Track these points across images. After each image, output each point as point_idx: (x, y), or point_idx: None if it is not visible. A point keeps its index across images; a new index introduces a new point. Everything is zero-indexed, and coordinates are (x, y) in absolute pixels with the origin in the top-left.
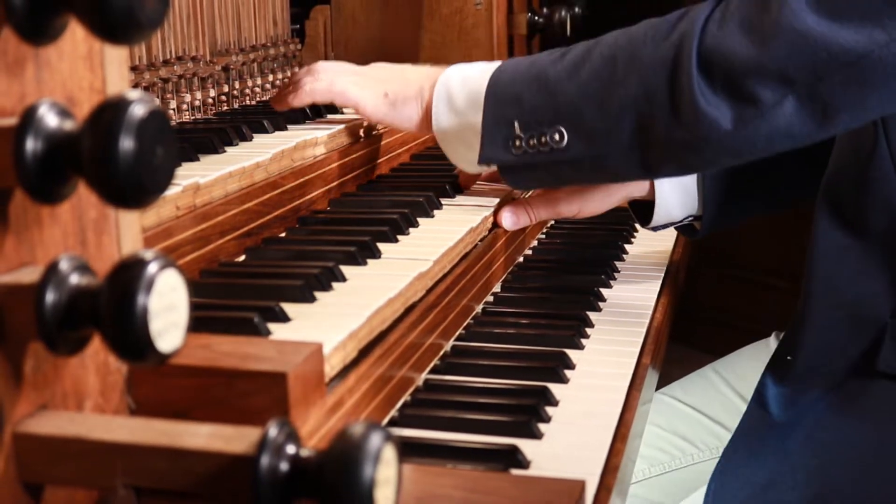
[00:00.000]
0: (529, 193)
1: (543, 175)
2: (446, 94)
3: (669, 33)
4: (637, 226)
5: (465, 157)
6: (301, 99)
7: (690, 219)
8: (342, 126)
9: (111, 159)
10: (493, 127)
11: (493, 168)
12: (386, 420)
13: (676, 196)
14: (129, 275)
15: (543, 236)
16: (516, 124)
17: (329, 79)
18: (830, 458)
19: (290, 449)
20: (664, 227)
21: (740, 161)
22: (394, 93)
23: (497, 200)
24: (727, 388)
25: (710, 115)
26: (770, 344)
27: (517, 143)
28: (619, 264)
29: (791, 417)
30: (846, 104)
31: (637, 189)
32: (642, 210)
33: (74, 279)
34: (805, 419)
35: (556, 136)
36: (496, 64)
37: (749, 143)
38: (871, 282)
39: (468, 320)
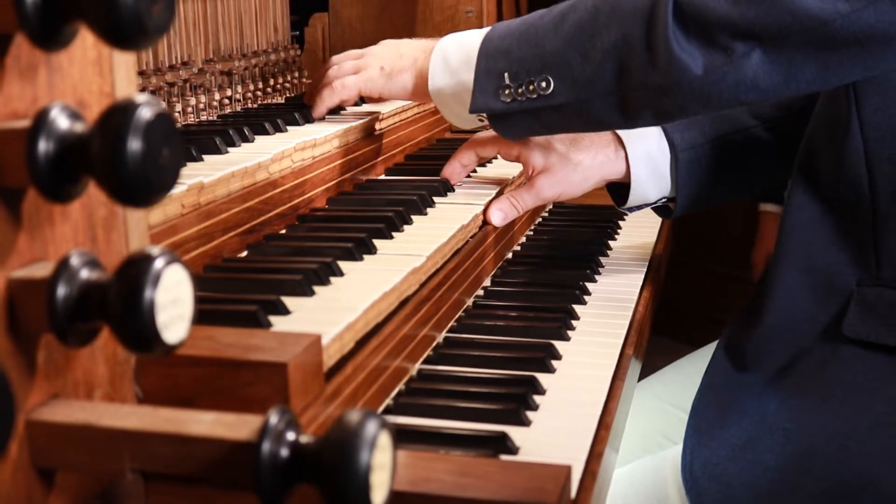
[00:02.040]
0: (515, 185)
1: (530, 121)
2: (442, 57)
3: None
4: (620, 222)
5: (459, 114)
6: (326, 106)
7: (664, 200)
8: (340, 128)
9: (119, 160)
10: (485, 79)
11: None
12: (381, 408)
13: (650, 179)
14: (136, 270)
15: (531, 233)
16: (506, 75)
17: (340, 84)
18: (807, 420)
19: (290, 435)
20: (639, 207)
21: (710, 109)
22: (389, 66)
23: (487, 199)
24: None
25: (683, 60)
26: None
27: (507, 91)
28: (603, 259)
29: (759, 376)
30: (809, 65)
31: (613, 172)
32: (618, 192)
33: (84, 274)
34: (780, 385)
35: (543, 84)
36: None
37: (717, 90)
38: (841, 252)
39: (460, 313)
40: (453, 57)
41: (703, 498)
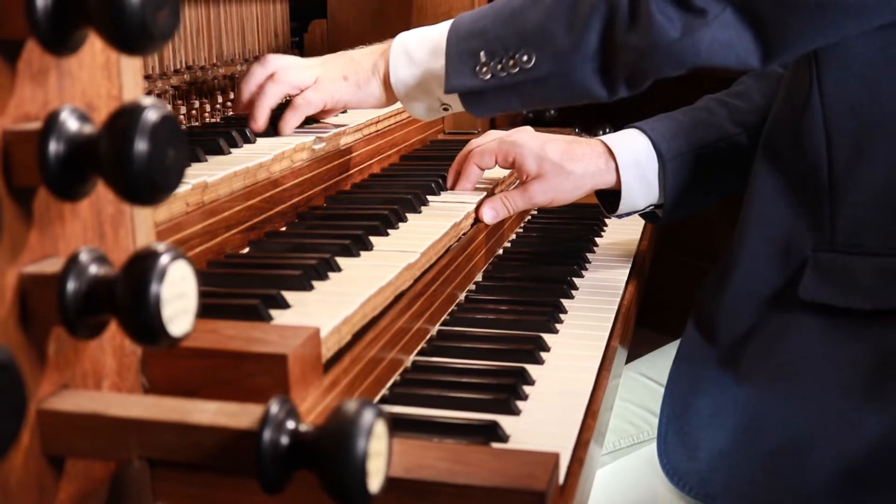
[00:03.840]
0: (512, 188)
1: (508, 96)
2: (404, 52)
3: None
4: (606, 220)
5: (425, 104)
6: (291, 126)
7: (652, 207)
8: (338, 129)
9: (127, 160)
10: (458, 60)
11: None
12: (377, 398)
13: (639, 187)
14: (143, 265)
15: (521, 230)
16: (482, 54)
17: (304, 101)
18: (766, 388)
19: (290, 424)
20: (628, 214)
21: (683, 70)
22: (352, 75)
23: (479, 198)
24: None
25: (662, 22)
26: None
27: (484, 69)
28: (589, 255)
29: (725, 344)
30: (776, 22)
31: (604, 181)
32: (608, 200)
33: (93, 269)
34: (741, 355)
35: (524, 58)
36: (451, 21)
37: (693, 52)
38: (798, 220)
39: (452, 307)
40: (416, 50)
41: (670, 458)
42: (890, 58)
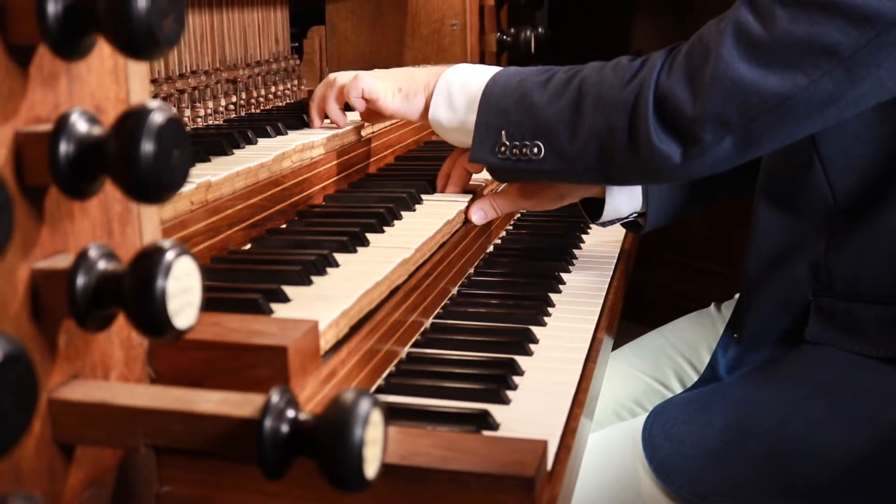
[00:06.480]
0: (501, 188)
1: (522, 177)
2: (447, 93)
3: (632, 79)
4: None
5: (459, 140)
6: (335, 93)
7: (635, 215)
8: (336, 131)
9: (134, 160)
10: (484, 133)
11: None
12: (373, 388)
13: (623, 194)
14: (149, 261)
15: (511, 228)
16: (503, 134)
17: (353, 74)
18: (756, 390)
19: (290, 413)
20: (611, 223)
21: (686, 181)
22: (406, 88)
23: (469, 197)
24: (675, 352)
25: (663, 151)
26: (711, 312)
27: (503, 149)
28: (577, 252)
29: (735, 377)
30: (774, 137)
31: (590, 190)
32: (591, 206)
33: (102, 265)
34: (743, 370)
35: (535, 150)
36: (492, 70)
37: (695, 172)
38: (798, 265)
39: (445, 301)
40: (457, 96)
41: (657, 452)
42: (882, 115)
